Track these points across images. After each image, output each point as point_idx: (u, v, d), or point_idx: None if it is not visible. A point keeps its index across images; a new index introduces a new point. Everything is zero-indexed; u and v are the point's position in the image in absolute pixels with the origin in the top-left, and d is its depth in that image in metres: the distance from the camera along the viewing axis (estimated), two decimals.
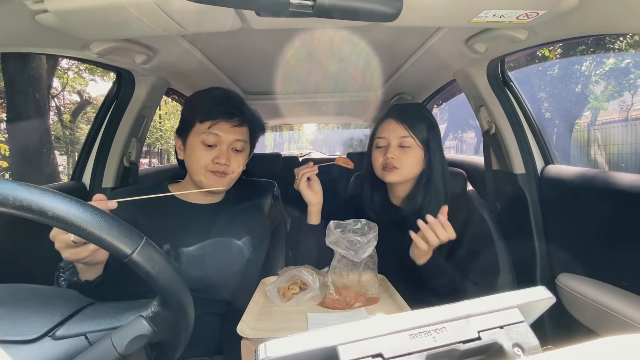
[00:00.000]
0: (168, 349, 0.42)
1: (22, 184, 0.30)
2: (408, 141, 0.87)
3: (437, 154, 0.90)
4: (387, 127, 0.90)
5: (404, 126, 0.88)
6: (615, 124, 6.09)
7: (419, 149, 0.88)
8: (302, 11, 0.41)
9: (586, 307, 0.88)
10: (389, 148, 0.88)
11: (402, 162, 0.87)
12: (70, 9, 0.66)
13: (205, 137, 0.77)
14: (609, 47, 5.98)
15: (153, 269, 0.35)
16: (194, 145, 0.78)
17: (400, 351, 0.24)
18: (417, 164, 0.89)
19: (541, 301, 0.29)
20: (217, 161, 0.77)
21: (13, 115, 3.59)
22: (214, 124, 0.77)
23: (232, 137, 0.79)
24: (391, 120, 0.90)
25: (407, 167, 0.88)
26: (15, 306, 0.37)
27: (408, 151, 0.88)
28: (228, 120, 0.78)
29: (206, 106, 0.78)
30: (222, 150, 0.78)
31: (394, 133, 0.88)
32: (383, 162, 0.89)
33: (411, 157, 0.88)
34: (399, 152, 0.88)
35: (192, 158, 0.78)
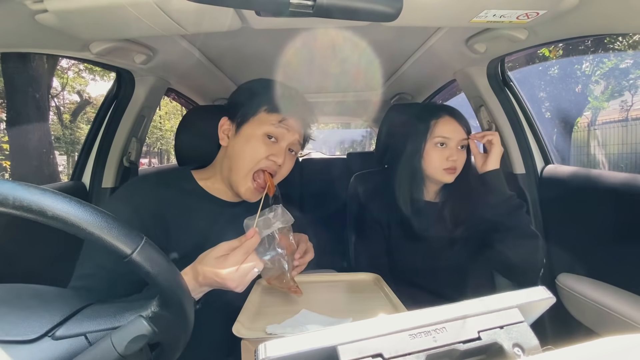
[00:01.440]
0: (168, 349, 0.42)
1: (22, 184, 0.30)
2: (466, 143, 0.91)
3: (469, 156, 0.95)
4: (449, 127, 0.90)
5: (465, 129, 0.90)
6: (615, 124, 6.10)
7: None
8: (302, 11, 0.41)
9: (586, 307, 0.88)
10: (451, 149, 0.89)
11: (459, 164, 0.90)
12: (70, 9, 0.66)
13: (271, 129, 0.70)
14: (609, 47, 5.98)
15: (153, 269, 0.35)
16: (252, 135, 0.70)
17: (400, 351, 0.24)
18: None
19: (541, 301, 0.29)
20: (273, 158, 0.70)
21: (13, 115, 3.59)
22: (284, 119, 0.71)
23: (297, 135, 0.74)
24: (452, 121, 0.90)
25: (460, 167, 0.91)
26: (15, 306, 0.37)
27: (463, 152, 0.91)
28: (299, 120, 0.74)
29: (277, 98, 0.72)
30: (281, 147, 0.72)
31: (457, 135, 0.89)
32: (446, 163, 0.89)
33: (464, 158, 0.91)
34: (458, 154, 0.90)
35: (246, 148, 0.70)
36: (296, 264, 0.72)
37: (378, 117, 2.20)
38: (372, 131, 3.09)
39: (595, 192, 0.91)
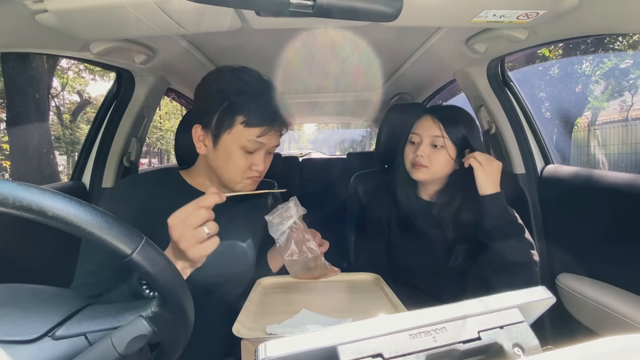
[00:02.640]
0: (168, 349, 0.42)
1: (22, 184, 0.30)
2: (440, 141, 0.86)
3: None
4: (423, 124, 0.90)
5: (439, 125, 0.87)
6: (615, 124, 6.10)
7: (452, 149, 0.87)
8: (302, 11, 0.41)
9: (586, 307, 0.88)
10: (420, 146, 0.88)
11: (431, 161, 0.87)
12: (70, 9, 0.66)
13: (248, 145, 0.68)
14: (609, 47, 5.98)
15: (153, 269, 0.35)
16: (232, 149, 0.68)
17: (400, 351, 0.24)
18: (447, 164, 0.88)
19: (541, 301, 0.29)
20: (256, 168, 0.71)
21: (13, 115, 3.59)
22: (262, 134, 0.68)
23: (274, 143, 0.73)
24: (427, 118, 0.89)
25: (435, 167, 0.87)
26: (15, 306, 0.37)
27: (439, 151, 0.87)
28: (276, 129, 0.71)
29: (254, 109, 0.67)
30: (260, 157, 0.71)
31: (428, 131, 0.88)
32: (413, 159, 0.89)
33: (441, 157, 0.87)
34: (429, 150, 0.87)
35: (227, 162, 0.70)
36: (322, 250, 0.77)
37: (378, 117, 2.20)
38: (372, 131, 3.09)
39: (595, 192, 0.91)
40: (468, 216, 0.87)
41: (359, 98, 1.84)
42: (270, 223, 0.71)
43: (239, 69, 0.72)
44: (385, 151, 1.15)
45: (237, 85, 0.68)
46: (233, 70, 0.71)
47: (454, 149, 0.87)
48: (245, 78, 0.70)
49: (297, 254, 0.73)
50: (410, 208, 0.94)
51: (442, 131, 0.86)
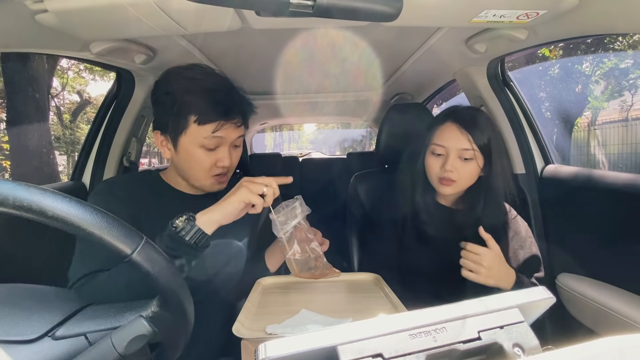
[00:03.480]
0: (168, 349, 0.42)
1: (22, 184, 0.30)
2: (469, 153, 0.79)
3: (499, 161, 0.82)
4: (448, 134, 0.81)
5: (467, 136, 0.79)
6: (615, 124, 6.09)
7: (481, 158, 0.80)
8: (302, 11, 0.41)
9: (586, 307, 0.88)
10: (448, 159, 0.80)
11: (460, 175, 0.80)
12: (70, 9, 0.66)
13: (206, 142, 0.68)
14: (609, 47, 5.98)
15: (153, 269, 0.35)
16: (191, 150, 0.69)
17: (400, 351, 0.24)
18: (475, 175, 0.82)
19: (541, 301, 0.29)
20: (221, 164, 0.71)
21: (13, 115, 3.59)
22: (217, 129, 0.67)
23: (235, 135, 0.72)
24: (452, 127, 0.81)
25: (464, 180, 0.81)
26: (15, 306, 0.37)
27: (467, 164, 0.80)
28: (232, 122, 0.70)
29: (204, 106, 0.66)
30: (224, 151, 0.71)
31: (456, 143, 0.79)
32: (439, 173, 0.82)
33: (471, 169, 0.81)
34: (459, 164, 0.80)
35: (191, 163, 0.70)
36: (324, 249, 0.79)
37: (378, 117, 2.20)
38: (372, 131, 3.09)
39: (595, 192, 0.91)
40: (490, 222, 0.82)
41: (359, 98, 1.84)
42: (275, 222, 0.70)
43: (185, 68, 0.71)
44: (386, 151, 1.15)
45: (183, 84, 0.68)
46: (179, 70, 0.71)
47: (482, 158, 0.81)
48: (191, 75, 0.69)
49: (300, 254, 0.73)
50: (428, 213, 0.89)
51: (471, 142, 0.78)
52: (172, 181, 0.78)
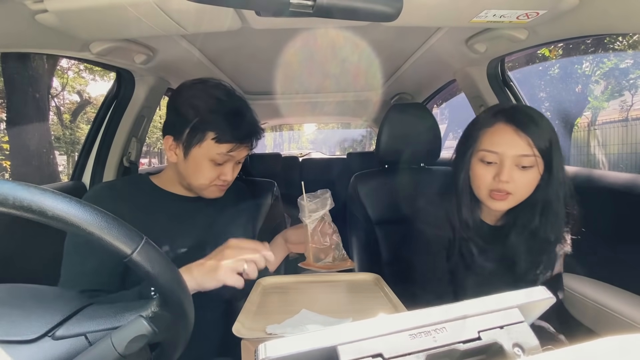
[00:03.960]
0: (168, 349, 0.42)
1: (22, 184, 0.30)
2: (529, 160, 0.66)
3: (560, 169, 0.69)
4: (502, 137, 0.68)
5: (527, 141, 0.66)
6: (615, 124, 6.10)
7: (542, 166, 0.68)
8: (302, 11, 0.41)
9: (586, 307, 0.88)
10: (503, 168, 0.67)
11: (517, 187, 0.67)
12: (70, 9, 0.66)
13: (217, 157, 0.71)
14: (609, 47, 5.98)
15: (153, 268, 0.35)
16: (201, 161, 0.71)
17: (400, 351, 0.24)
18: (534, 186, 0.69)
19: (541, 301, 0.29)
20: (224, 178, 0.75)
21: (13, 115, 3.59)
22: (232, 150, 0.71)
23: (243, 154, 0.76)
24: (507, 129, 0.68)
25: (522, 192, 0.69)
26: (15, 306, 0.37)
27: (526, 172, 0.67)
28: (246, 144, 0.74)
29: (224, 126, 0.70)
30: (229, 167, 0.74)
31: (513, 149, 0.66)
32: (491, 185, 0.69)
33: (530, 179, 0.68)
34: (516, 174, 0.67)
35: (197, 173, 0.73)
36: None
37: (378, 117, 2.20)
38: (372, 131, 3.09)
39: (595, 192, 0.90)
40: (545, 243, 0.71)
41: (359, 98, 1.84)
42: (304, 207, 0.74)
43: (212, 85, 0.74)
44: (386, 151, 1.15)
45: (210, 102, 0.70)
46: (206, 86, 0.73)
47: (542, 165, 0.68)
48: (218, 95, 0.72)
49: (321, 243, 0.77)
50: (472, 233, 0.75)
51: (532, 148, 0.66)
52: (167, 184, 0.80)
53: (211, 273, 0.58)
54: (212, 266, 0.59)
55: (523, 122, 0.67)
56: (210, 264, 0.59)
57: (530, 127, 0.66)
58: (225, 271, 0.58)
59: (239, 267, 0.59)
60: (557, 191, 0.69)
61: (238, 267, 0.59)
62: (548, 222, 0.70)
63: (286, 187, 2.20)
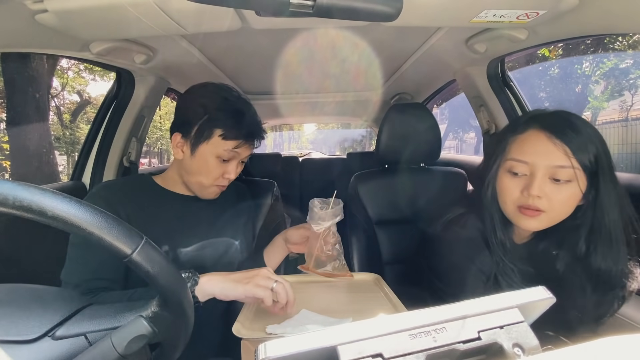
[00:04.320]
0: (168, 349, 0.42)
1: (22, 184, 0.30)
2: (566, 174, 0.57)
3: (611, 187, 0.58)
4: (534, 145, 0.59)
5: (565, 149, 0.57)
6: (615, 124, 6.10)
7: (583, 180, 0.58)
8: (302, 11, 0.41)
9: None
10: (534, 180, 0.58)
11: (552, 203, 0.58)
12: (70, 9, 0.66)
13: (224, 154, 0.74)
14: (609, 47, 5.99)
15: (153, 268, 0.35)
16: (208, 157, 0.74)
17: (400, 351, 0.24)
18: (573, 204, 0.60)
19: (541, 301, 0.29)
20: (227, 176, 0.77)
21: (13, 115, 3.59)
22: (238, 146, 0.74)
23: (248, 153, 0.78)
24: (541, 135, 0.59)
25: (556, 211, 0.59)
26: (15, 306, 0.37)
27: (563, 187, 0.58)
28: (250, 142, 0.77)
29: (231, 123, 0.73)
30: (233, 165, 0.77)
31: (546, 158, 0.58)
32: (519, 200, 0.60)
33: (567, 196, 0.58)
34: (549, 188, 0.58)
35: (203, 169, 0.75)
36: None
37: (378, 117, 2.20)
38: (372, 131, 3.09)
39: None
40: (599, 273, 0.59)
41: (359, 98, 1.84)
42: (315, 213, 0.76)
43: (222, 87, 0.78)
44: (386, 151, 1.15)
45: (219, 101, 0.74)
46: (216, 87, 0.77)
47: (584, 180, 0.58)
48: (226, 95, 0.76)
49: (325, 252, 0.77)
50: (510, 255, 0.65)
51: (570, 158, 0.56)
52: (169, 184, 0.80)
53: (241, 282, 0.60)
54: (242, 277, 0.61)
55: (560, 128, 0.58)
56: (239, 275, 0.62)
57: (568, 134, 0.57)
58: (258, 283, 0.60)
59: (269, 284, 0.60)
60: (610, 214, 0.58)
61: (269, 283, 0.60)
62: (598, 250, 0.59)
63: (286, 187, 2.20)
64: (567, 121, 0.60)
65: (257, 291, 0.59)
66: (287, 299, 0.60)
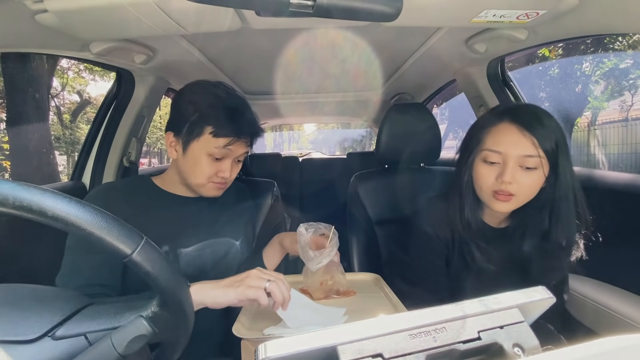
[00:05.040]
0: (168, 349, 0.42)
1: (22, 184, 0.30)
2: (533, 161, 0.65)
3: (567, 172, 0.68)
4: (506, 137, 0.67)
5: (532, 140, 0.65)
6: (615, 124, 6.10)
7: (547, 167, 0.67)
8: (302, 11, 0.41)
9: (586, 307, 0.88)
10: (506, 168, 0.66)
11: (520, 188, 0.66)
12: (70, 9, 0.66)
13: (216, 152, 0.72)
14: (609, 47, 5.98)
15: (153, 269, 0.35)
16: (199, 156, 0.73)
17: (400, 351, 0.24)
18: (538, 187, 0.68)
19: (541, 301, 0.29)
20: (222, 175, 0.75)
21: (13, 115, 3.59)
22: (229, 144, 0.72)
23: (241, 151, 0.77)
24: (512, 128, 0.67)
25: (525, 194, 0.68)
26: (15, 306, 0.37)
27: (530, 174, 0.66)
28: (244, 140, 0.76)
29: (222, 120, 0.71)
30: (227, 164, 0.75)
31: (517, 149, 0.66)
32: (494, 185, 0.68)
33: (533, 181, 0.67)
34: (519, 174, 0.66)
35: (196, 168, 0.74)
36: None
37: (378, 117, 2.20)
38: (372, 131, 3.09)
39: (595, 192, 0.90)
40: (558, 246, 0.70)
41: (359, 98, 1.84)
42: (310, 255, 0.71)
43: (213, 84, 0.76)
44: (386, 151, 1.15)
45: (209, 98, 0.73)
46: (207, 85, 0.76)
47: (548, 166, 0.67)
48: (217, 92, 0.75)
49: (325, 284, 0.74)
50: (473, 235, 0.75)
51: (537, 148, 0.64)
52: (168, 185, 0.80)
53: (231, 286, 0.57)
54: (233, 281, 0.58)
55: (528, 121, 0.66)
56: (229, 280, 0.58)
57: (536, 127, 0.65)
58: (249, 284, 0.56)
59: (261, 283, 0.57)
60: (566, 194, 0.68)
61: (261, 283, 0.57)
62: (559, 225, 0.69)
63: (286, 187, 2.19)
64: (534, 114, 0.68)
65: (249, 293, 0.55)
66: (282, 296, 0.57)
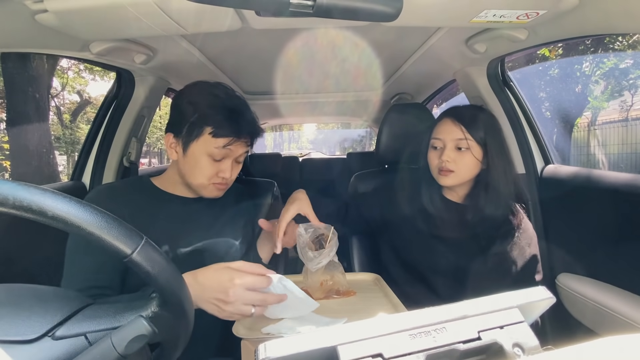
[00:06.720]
0: (168, 349, 0.42)
1: (22, 184, 0.30)
2: (464, 143, 0.83)
3: (498, 155, 0.85)
4: (443, 128, 0.87)
5: (460, 127, 0.83)
6: (615, 124, 6.09)
7: (478, 150, 0.84)
8: (302, 11, 0.41)
9: (586, 307, 0.88)
10: (445, 150, 0.85)
11: (457, 165, 0.84)
12: (70, 9, 0.66)
13: (216, 152, 0.73)
14: (609, 47, 5.98)
15: (153, 268, 0.35)
16: (199, 156, 0.73)
17: (400, 351, 0.24)
18: (474, 167, 0.85)
19: (541, 301, 0.29)
20: (223, 175, 0.75)
21: (13, 115, 3.59)
22: (228, 144, 0.73)
23: (241, 151, 0.77)
24: (447, 121, 0.86)
25: (463, 170, 0.85)
26: (15, 306, 0.37)
27: (464, 154, 0.84)
28: (244, 140, 0.76)
29: (221, 120, 0.72)
30: (227, 164, 0.76)
31: (450, 134, 0.85)
32: (438, 164, 0.86)
33: (467, 160, 0.84)
34: (454, 154, 0.84)
35: (196, 169, 0.74)
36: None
37: (378, 117, 2.20)
38: (372, 131, 3.09)
39: (595, 192, 0.91)
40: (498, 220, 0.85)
41: (359, 98, 1.84)
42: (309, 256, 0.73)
43: (212, 85, 0.76)
44: (385, 151, 1.15)
45: (208, 99, 0.73)
46: (207, 85, 0.76)
47: (479, 149, 0.84)
48: (216, 93, 0.75)
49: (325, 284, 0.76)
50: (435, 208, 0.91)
51: (464, 133, 0.83)
52: (168, 186, 0.80)
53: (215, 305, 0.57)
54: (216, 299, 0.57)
55: (459, 115, 0.86)
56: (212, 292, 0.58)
57: (464, 119, 0.84)
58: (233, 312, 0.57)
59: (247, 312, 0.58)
60: (496, 176, 0.84)
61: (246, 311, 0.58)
62: (492, 199, 0.85)
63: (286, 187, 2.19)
64: (467, 111, 0.87)
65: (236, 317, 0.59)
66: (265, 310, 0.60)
